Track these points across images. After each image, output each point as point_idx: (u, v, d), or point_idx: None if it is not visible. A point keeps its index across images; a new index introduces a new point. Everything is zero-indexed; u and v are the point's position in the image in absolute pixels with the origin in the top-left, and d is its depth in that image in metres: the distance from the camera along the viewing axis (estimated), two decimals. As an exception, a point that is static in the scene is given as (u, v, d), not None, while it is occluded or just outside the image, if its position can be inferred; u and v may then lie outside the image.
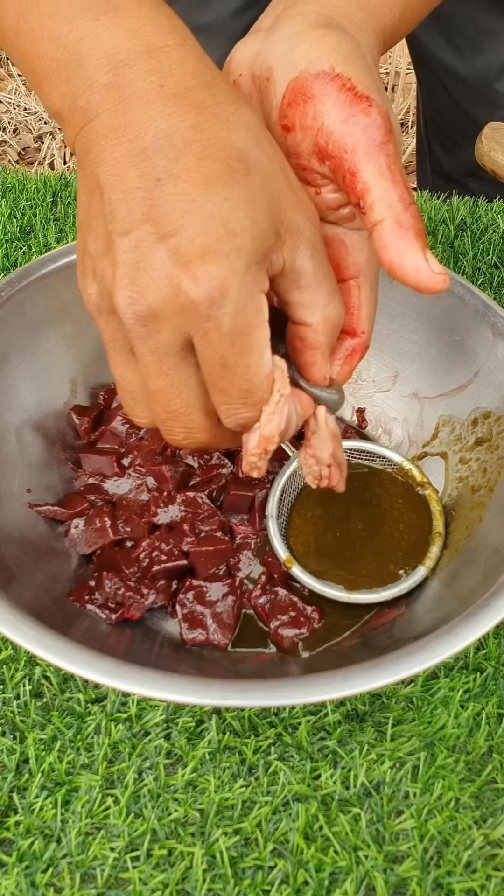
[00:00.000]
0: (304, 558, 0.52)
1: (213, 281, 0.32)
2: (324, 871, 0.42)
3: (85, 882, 0.42)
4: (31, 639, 0.40)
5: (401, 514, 0.54)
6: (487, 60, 0.85)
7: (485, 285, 0.72)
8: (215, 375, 0.34)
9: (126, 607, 0.49)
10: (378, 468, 0.56)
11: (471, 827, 0.44)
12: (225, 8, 0.81)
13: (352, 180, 0.36)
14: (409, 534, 0.53)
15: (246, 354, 0.34)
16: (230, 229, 0.32)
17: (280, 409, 0.36)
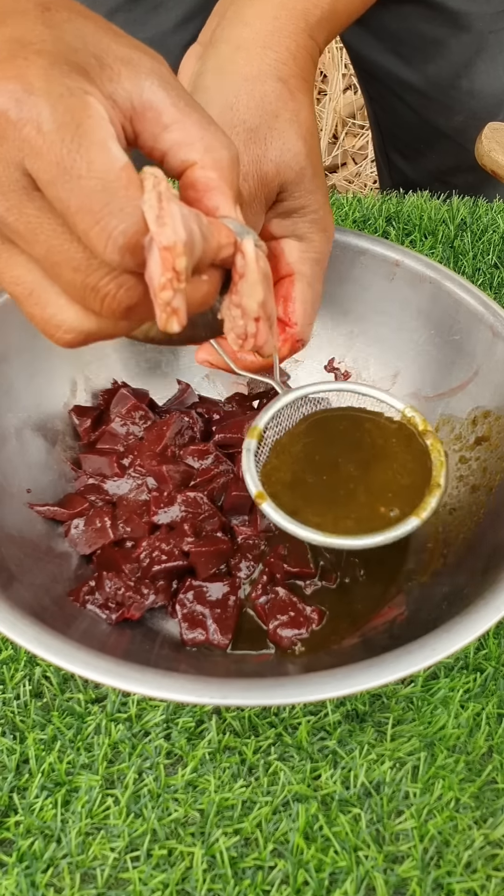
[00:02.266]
0: (280, 497, 0.47)
1: (11, 82, 0.29)
2: (324, 871, 0.42)
3: (85, 882, 0.42)
4: (31, 638, 0.40)
5: (396, 457, 0.49)
6: (438, 68, 0.86)
7: (485, 285, 0.72)
8: (63, 192, 0.30)
9: (126, 607, 0.49)
10: (375, 412, 0.52)
11: (471, 827, 0.44)
12: (164, 23, 0.81)
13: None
14: (404, 476, 0.49)
15: (83, 149, 0.29)
16: (26, 40, 0.30)
17: (166, 209, 0.30)
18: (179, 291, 0.31)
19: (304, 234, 0.48)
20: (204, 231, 0.31)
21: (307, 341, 0.50)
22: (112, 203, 0.29)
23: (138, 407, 0.58)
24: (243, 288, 0.35)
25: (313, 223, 0.47)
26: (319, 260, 0.48)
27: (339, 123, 1.74)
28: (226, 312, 0.37)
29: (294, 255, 0.48)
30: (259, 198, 0.45)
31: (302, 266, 0.48)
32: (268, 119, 0.45)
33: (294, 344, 0.49)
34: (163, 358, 0.62)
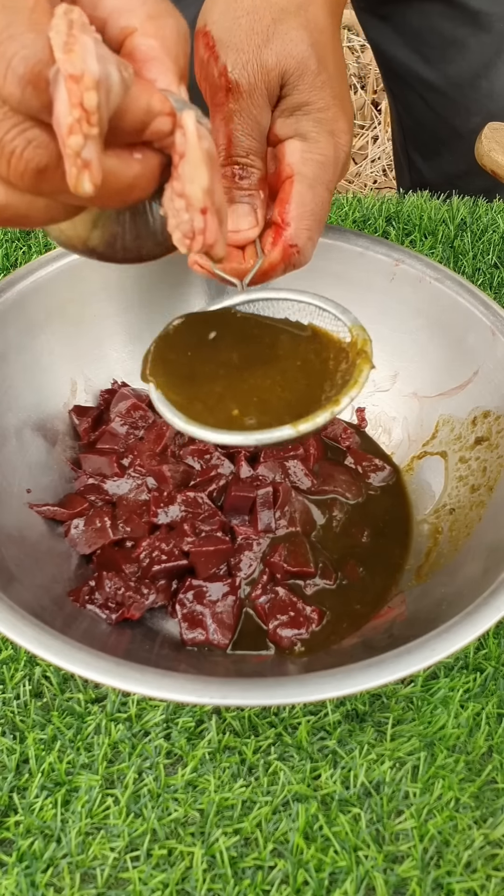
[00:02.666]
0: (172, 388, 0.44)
1: None
2: (324, 871, 0.42)
3: (85, 882, 0.42)
4: (31, 638, 0.40)
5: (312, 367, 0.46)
6: (458, 69, 0.86)
7: (485, 285, 0.72)
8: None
9: (126, 607, 0.49)
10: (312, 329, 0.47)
11: (471, 827, 0.44)
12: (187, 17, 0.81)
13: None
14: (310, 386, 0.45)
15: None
16: None
17: (77, 37, 0.26)
18: (92, 139, 0.26)
19: (308, 133, 0.45)
20: (126, 78, 0.27)
21: (305, 252, 0.47)
22: (14, 25, 0.26)
23: (138, 407, 0.58)
24: (185, 171, 0.30)
25: (318, 122, 0.45)
26: (323, 163, 0.46)
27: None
28: (168, 205, 0.32)
29: (295, 155, 0.46)
30: (259, 87, 0.44)
31: (303, 166, 0.45)
32: (272, 10, 0.44)
33: (287, 249, 0.46)
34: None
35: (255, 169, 0.46)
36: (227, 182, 0.46)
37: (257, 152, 0.46)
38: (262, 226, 0.48)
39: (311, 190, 0.46)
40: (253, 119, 0.45)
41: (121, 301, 0.60)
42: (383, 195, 0.82)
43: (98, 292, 0.59)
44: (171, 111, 0.30)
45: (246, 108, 0.45)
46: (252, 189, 0.47)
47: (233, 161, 0.46)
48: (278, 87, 0.45)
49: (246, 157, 0.46)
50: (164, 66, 0.30)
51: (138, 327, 0.61)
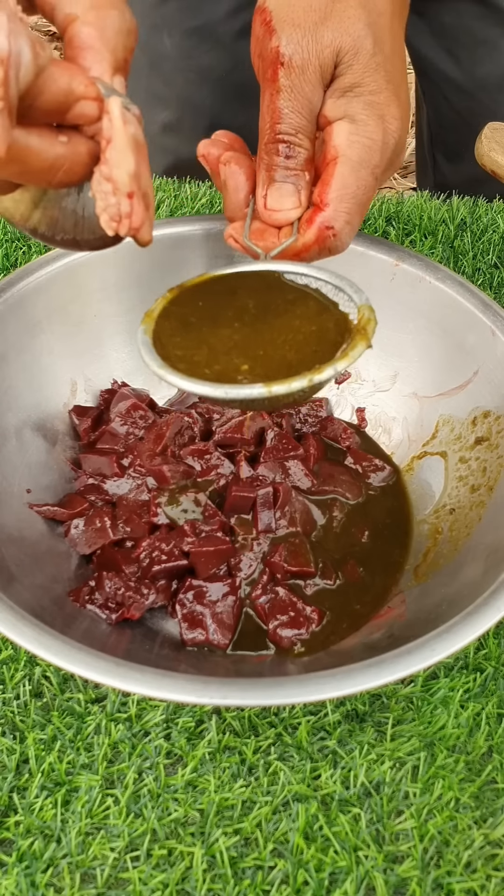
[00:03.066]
0: (172, 334, 0.44)
1: None
2: (324, 871, 0.42)
3: (85, 882, 0.42)
4: (31, 639, 0.40)
5: (312, 334, 0.44)
6: (486, 71, 0.85)
7: (485, 285, 0.72)
8: None
9: (126, 607, 0.49)
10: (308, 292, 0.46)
11: (471, 827, 0.44)
12: (216, 11, 0.81)
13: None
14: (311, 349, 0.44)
15: None
16: None
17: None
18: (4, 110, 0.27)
19: (357, 116, 0.44)
20: (40, 59, 0.28)
21: (342, 236, 0.45)
22: None
23: (138, 407, 0.58)
24: (111, 156, 0.31)
25: (369, 105, 0.44)
26: (370, 146, 0.44)
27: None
28: (96, 188, 0.33)
29: (342, 136, 0.44)
30: (313, 64, 0.44)
31: (348, 149, 0.44)
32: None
33: (322, 231, 0.45)
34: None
35: (301, 148, 0.45)
36: (271, 159, 0.46)
37: (305, 131, 0.45)
38: (305, 207, 0.46)
39: (354, 173, 0.44)
40: (304, 96, 0.44)
41: (121, 301, 0.60)
42: (383, 195, 0.82)
43: (98, 292, 0.59)
44: (96, 96, 0.30)
45: (297, 84, 0.44)
46: (298, 169, 0.46)
47: (279, 139, 0.45)
48: (332, 66, 0.44)
49: (294, 136, 0.45)
50: (99, 56, 0.31)
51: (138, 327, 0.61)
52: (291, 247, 0.46)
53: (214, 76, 0.84)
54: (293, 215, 0.46)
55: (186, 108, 0.87)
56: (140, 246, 0.35)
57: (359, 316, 0.43)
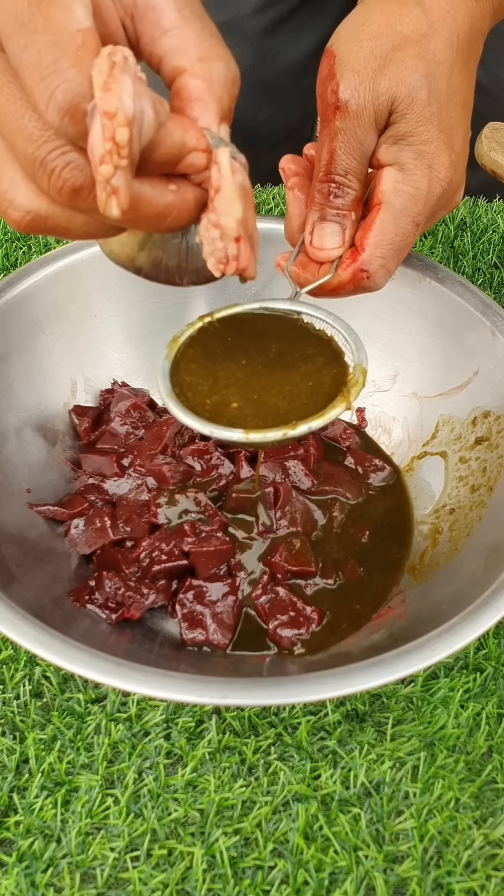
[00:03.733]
0: (189, 363, 0.47)
1: None
2: (324, 871, 0.42)
3: (85, 882, 0.42)
4: (31, 638, 0.40)
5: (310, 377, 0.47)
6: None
7: (485, 285, 0.72)
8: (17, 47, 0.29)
9: (126, 607, 0.49)
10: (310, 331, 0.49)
11: (471, 827, 0.44)
12: (244, 7, 0.81)
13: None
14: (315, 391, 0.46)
15: (45, 4, 0.29)
16: None
17: (116, 77, 0.28)
18: (121, 169, 0.29)
19: (406, 164, 0.46)
20: (160, 116, 0.30)
21: (376, 279, 0.48)
22: (60, 61, 0.29)
23: (138, 407, 0.58)
24: (220, 204, 0.33)
25: (418, 156, 0.46)
26: (415, 196, 0.46)
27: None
28: (204, 234, 0.34)
29: (389, 183, 0.46)
30: (368, 110, 0.45)
31: (392, 196, 0.46)
32: (395, 37, 0.45)
33: (357, 273, 0.47)
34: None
35: (350, 189, 0.47)
36: (322, 198, 0.48)
37: (356, 173, 0.47)
38: (349, 246, 0.49)
39: (394, 221, 0.46)
40: (357, 139, 0.46)
41: (121, 301, 0.60)
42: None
43: (98, 292, 0.59)
44: (206, 147, 0.32)
45: (351, 128, 0.46)
46: (344, 209, 0.48)
47: (330, 178, 0.47)
48: (387, 113, 0.45)
49: (344, 177, 0.47)
50: (206, 106, 0.33)
51: (138, 327, 0.61)
52: (328, 283, 0.49)
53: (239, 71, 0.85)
54: (335, 254, 0.49)
55: None
56: (245, 282, 0.37)
57: (350, 375, 0.46)
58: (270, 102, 0.88)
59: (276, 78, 0.86)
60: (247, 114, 0.88)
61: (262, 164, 0.95)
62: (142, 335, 0.62)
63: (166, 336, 0.62)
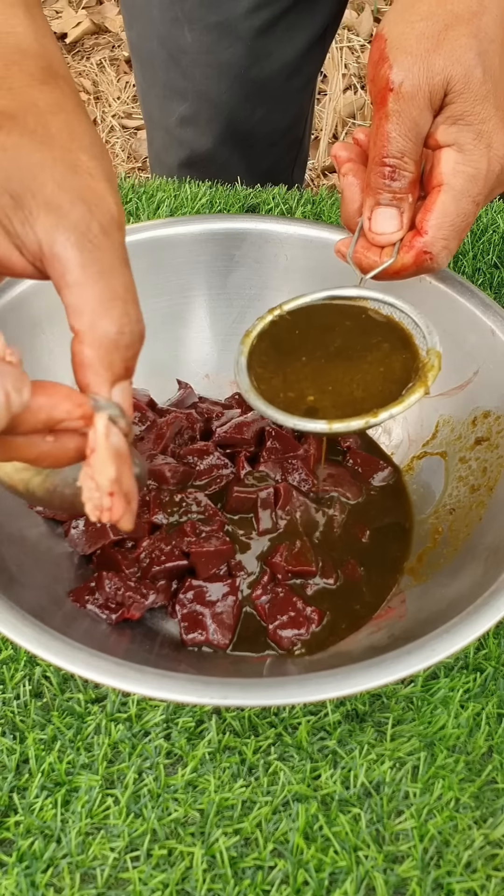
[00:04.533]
0: (262, 357, 0.49)
1: None
2: (324, 871, 0.42)
3: (85, 882, 0.42)
4: (31, 639, 0.40)
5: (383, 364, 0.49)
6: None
7: (485, 285, 0.72)
8: None
9: (126, 607, 0.49)
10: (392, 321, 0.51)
11: (471, 827, 0.44)
12: (236, 8, 0.81)
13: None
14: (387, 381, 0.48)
15: None
16: None
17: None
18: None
19: (465, 145, 0.46)
20: (23, 398, 0.31)
21: (439, 259, 0.48)
22: None
23: (138, 407, 0.58)
24: (95, 463, 0.35)
25: (478, 135, 0.46)
26: (474, 176, 0.46)
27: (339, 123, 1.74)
28: (83, 481, 0.36)
29: (449, 165, 0.46)
30: (423, 90, 0.45)
31: (453, 178, 0.46)
32: (446, 16, 0.45)
33: (420, 255, 0.48)
34: (163, 358, 0.62)
35: (406, 172, 0.47)
36: (378, 182, 0.48)
37: (411, 154, 0.47)
38: (408, 229, 0.49)
39: (455, 202, 0.47)
40: (412, 121, 0.46)
41: (121, 301, 0.60)
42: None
43: (98, 292, 0.59)
44: (82, 415, 0.34)
45: (406, 109, 0.46)
46: (402, 192, 0.48)
47: (385, 162, 0.47)
48: (442, 93, 0.45)
49: (400, 159, 0.47)
50: (95, 375, 0.34)
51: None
52: (391, 266, 0.49)
53: (233, 72, 0.85)
54: (395, 238, 0.49)
55: (203, 103, 0.88)
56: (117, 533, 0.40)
57: (425, 360, 0.48)
58: (264, 102, 0.88)
59: (269, 78, 0.86)
60: (241, 114, 0.88)
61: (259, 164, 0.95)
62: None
63: (165, 336, 0.62)
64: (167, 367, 0.62)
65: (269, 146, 0.93)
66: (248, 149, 0.92)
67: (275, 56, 0.85)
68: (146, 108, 0.95)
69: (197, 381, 0.62)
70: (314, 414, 0.47)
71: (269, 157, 0.94)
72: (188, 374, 0.62)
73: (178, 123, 0.90)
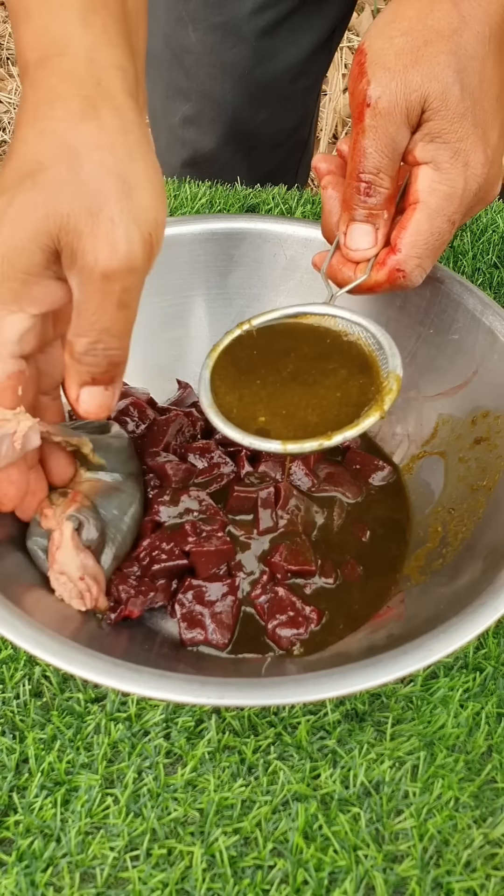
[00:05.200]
0: (222, 373, 0.51)
1: None
2: (323, 870, 0.42)
3: (85, 881, 0.42)
4: (30, 639, 0.40)
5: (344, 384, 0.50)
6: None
7: (484, 285, 0.72)
8: None
9: (126, 606, 0.49)
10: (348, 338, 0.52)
11: (470, 826, 0.44)
12: (241, 9, 0.81)
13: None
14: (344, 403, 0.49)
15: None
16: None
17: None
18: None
19: (441, 164, 0.46)
20: (12, 451, 0.42)
21: (412, 277, 0.48)
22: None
23: (138, 405, 0.58)
24: (61, 558, 0.44)
25: (455, 154, 0.46)
26: (450, 195, 0.46)
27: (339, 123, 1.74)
28: (57, 586, 0.45)
29: (425, 183, 0.46)
30: (399, 107, 0.45)
31: (428, 196, 0.46)
32: (426, 33, 0.45)
33: (393, 272, 0.48)
34: (163, 358, 0.62)
35: (382, 188, 0.47)
36: (353, 198, 0.48)
37: (387, 171, 0.47)
38: (382, 245, 0.49)
39: (429, 220, 0.47)
40: (388, 137, 0.46)
41: (121, 301, 0.60)
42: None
43: (98, 292, 0.59)
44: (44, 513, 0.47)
45: (383, 125, 0.45)
46: (377, 208, 0.48)
47: (361, 178, 0.47)
48: (419, 110, 0.45)
49: (375, 175, 0.47)
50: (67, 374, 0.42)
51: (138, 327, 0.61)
52: (364, 282, 0.50)
53: (237, 73, 0.85)
54: (369, 254, 0.49)
55: (207, 103, 0.87)
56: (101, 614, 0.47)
57: (384, 383, 0.48)
58: (268, 104, 0.88)
59: (274, 79, 0.86)
60: (245, 115, 0.88)
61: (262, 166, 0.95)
62: (141, 335, 0.61)
63: (165, 336, 0.62)
64: (167, 367, 0.62)
65: (273, 147, 0.93)
66: (251, 150, 0.92)
67: (280, 57, 0.85)
68: (149, 108, 0.95)
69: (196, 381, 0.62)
70: (266, 434, 0.48)
71: (273, 159, 0.94)
72: (188, 374, 0.62)
73: (181, 123, 0.90)
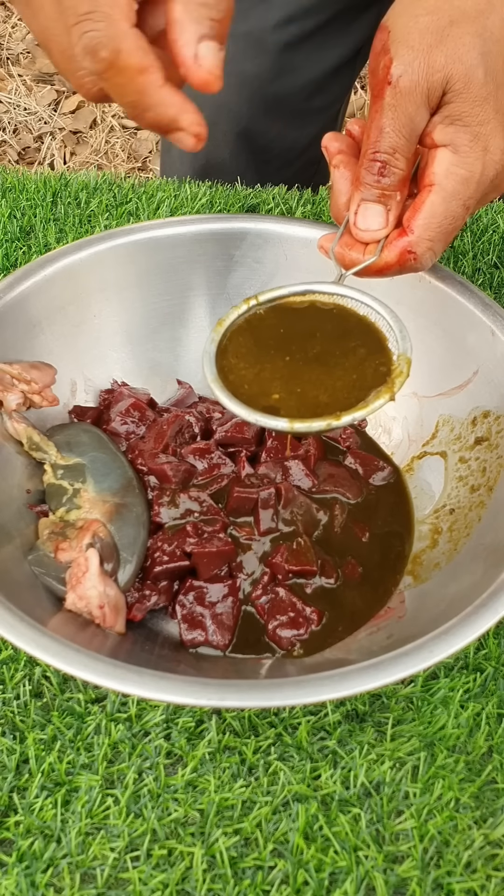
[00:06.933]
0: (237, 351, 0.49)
1: None
2: (324, 871, 0.42)
3: (85, 882, 0.42)
4: (30, 640, 0.40)
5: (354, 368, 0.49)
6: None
7: (485, 285, 0.72)
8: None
9: (129, 611, 0.49)
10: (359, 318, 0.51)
11: (471, 827, 0.44)
12: (266, 20, 0.80)
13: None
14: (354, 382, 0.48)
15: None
16: None
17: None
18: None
19: (461, 147, 0.45)
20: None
21: (423, 260, 0.48)
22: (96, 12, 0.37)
23: (138, 406, 0.58)
24: (85, 583, 0.46)
25: (474, 138, 0.45)
26: (467, 179, 0.46)
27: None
28: (71, 605, 0.47)
29: (442, 166, 0.46)
30: (421, 87, 0.44)
31: (445, 179, 0.46)
32: (452, 12, 0.44)
33: (404, 254, 0.47)
34: (163, 358, 0.62)
35: (397, 169, 0.47)
36: (367, 177, 0.47)
37: (404, 151, 0.46)
38: (393, 227, 0.48)
39: (444, 204, 0.46)
40: (407, 116, 0.45)
41: (120, 301, 0.60)
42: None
43: (97, 293, 0.59)
44: (84, 549, 0.49)
45: (402, 104, 0.45)
46: (390, 189, 0.47)
47: (376, 157, 0.46)
48: (440, 91, 0.45)
49: (391, 155, 0.46)
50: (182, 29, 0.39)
51: (138, 327, 0.61)
52: (373, 264, 0.49)
53: (256, 84, 0.84)
54: (379, 235, 0.48)
55: (221, 112, 0.86)
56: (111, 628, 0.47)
57: (394, 365, 0.47)
58: (282, 118, 0.87)
59: (291, 93, 0.85)
60: (258, 128, 0.87)
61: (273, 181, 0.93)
62: (141, 335, 0.62)
63: (166, 336, 0.62)
64: (167, 367, 0.62)
65: (285, 164, 0.91)
66: (263, 164, 0.90)
67: (299, 73, 0.83)
68: None
69: (197, 381, 0.62)
70: (275, 412, 0.47)
71: (285, 175, 0.93)
72: (188, 374, 0.62)
73: None
